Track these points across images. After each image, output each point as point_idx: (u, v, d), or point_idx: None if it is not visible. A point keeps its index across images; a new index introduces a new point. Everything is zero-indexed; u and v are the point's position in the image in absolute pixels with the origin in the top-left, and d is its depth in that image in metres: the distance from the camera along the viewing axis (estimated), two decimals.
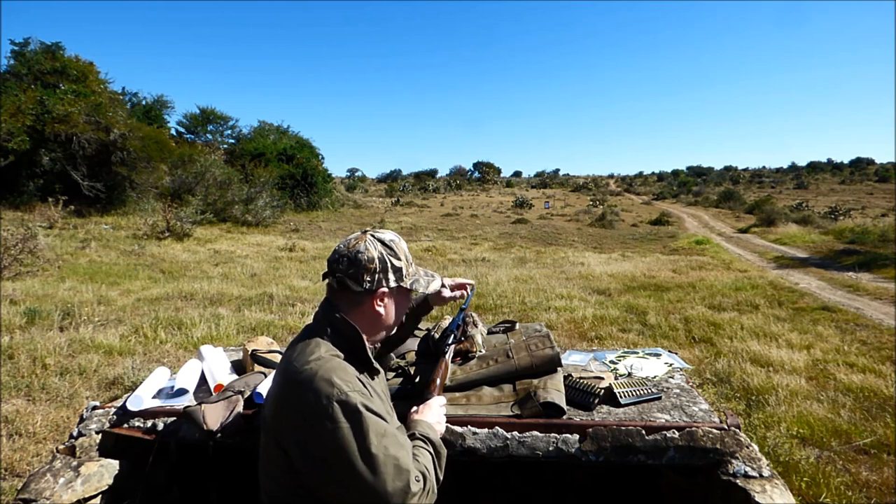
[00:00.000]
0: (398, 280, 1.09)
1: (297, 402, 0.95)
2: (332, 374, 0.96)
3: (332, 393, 0.93)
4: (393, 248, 1.10)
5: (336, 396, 0.92)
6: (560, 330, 5.24)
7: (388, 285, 1.08)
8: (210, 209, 15.25)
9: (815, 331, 5.13)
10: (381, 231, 1.13)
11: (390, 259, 1.08)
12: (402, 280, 1.10)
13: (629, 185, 58.54)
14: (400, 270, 1.10)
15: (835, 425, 3.05)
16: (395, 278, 1.09)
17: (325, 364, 0.98)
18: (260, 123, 27.54)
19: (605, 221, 20.30)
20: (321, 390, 0.93)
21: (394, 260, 1.09)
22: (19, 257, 7.60)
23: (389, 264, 1.08)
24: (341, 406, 0.92)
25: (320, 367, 0.97)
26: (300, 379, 0.97)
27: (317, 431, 0.92)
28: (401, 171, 71.29)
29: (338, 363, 1.00)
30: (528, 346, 1.52)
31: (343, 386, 0.94)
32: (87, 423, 1.43)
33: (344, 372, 0.98)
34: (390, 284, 1.08)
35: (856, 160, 68.14)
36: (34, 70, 15.16)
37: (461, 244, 14.32)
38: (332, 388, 0.93)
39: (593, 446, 1.25)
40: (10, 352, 4.05)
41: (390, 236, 1.13)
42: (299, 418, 0.94)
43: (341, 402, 0.92)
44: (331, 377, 0.95)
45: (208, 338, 4.65)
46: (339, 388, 0.93)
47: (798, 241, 13.89)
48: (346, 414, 0.91)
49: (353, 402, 0.93)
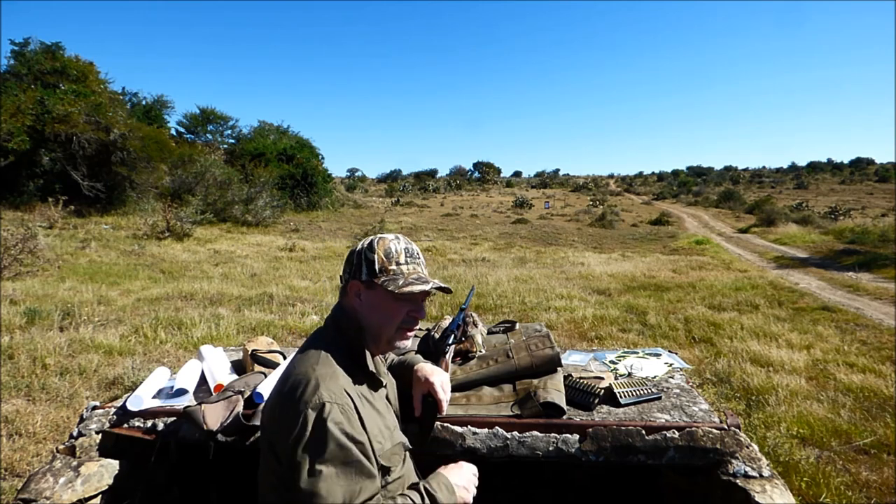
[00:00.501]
0: (370, 275, 1.08)
1: (284, 404, 0.97)
2: (322, 380, 0.97)
3: (311, 399, 0.93)
4: (373, 244, 1.10)
5: (313, 403, 0.93)
6: (560, 330, 5.24)
7: (360, 278, 1.09)
8: (210, 209, 15.25)
9: (815, 331, 5.13)
10: (386, 233, 1.16)
11: (366, 253, 1.10)
12: (374, 275, 1.08)
13: (629, 185, 58.53)
14: (372, 264, 1.08)
15: (835, 425, 3.05)
16: (366, 271, 1.09)
17: (321, 369, 0.99)
18: (260, 123, 27.60)
19: (605, 221, 20.30)
20: (304, 394, 0.94)
21: (369, 253, 1.10)
22: (19, 257, 7.60)
23: (364, 257, 1.10)
24: (315, 413, 0.92)
25: (314, 372, 0.98)
26: (293, 383, 0.98)
27: (286, 430, 0.93)
28: (401, 171, 71.31)
29: (331, 372, 1.00)
30: (528, 346, 1.52)
31: (325, 395, 0.94)
32: (87, 423, 1.43)
33: (333, 381, 0.98)
34: (362, 277, 1.09)
35: (856, 160, 68.12)
36: (34, 70, 15.16)
37: (461, 244, 14.32)
38: (314, 393, 0.94)
39: (593, 446, 1.25)
40: (10, 352, 4.05)
41: (384, 236, 1.13)
42: (283, 415, 0.96)
43: (317, 408, 0.92)
44: (318, 383, 0.96)
45: (208, 338, 4.65)
46: (320, 395, 0.94)
47: (798, 241, 13.89)
48: (315, 423, 0.91)
49: (326, 414, 0.92)
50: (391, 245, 1.11)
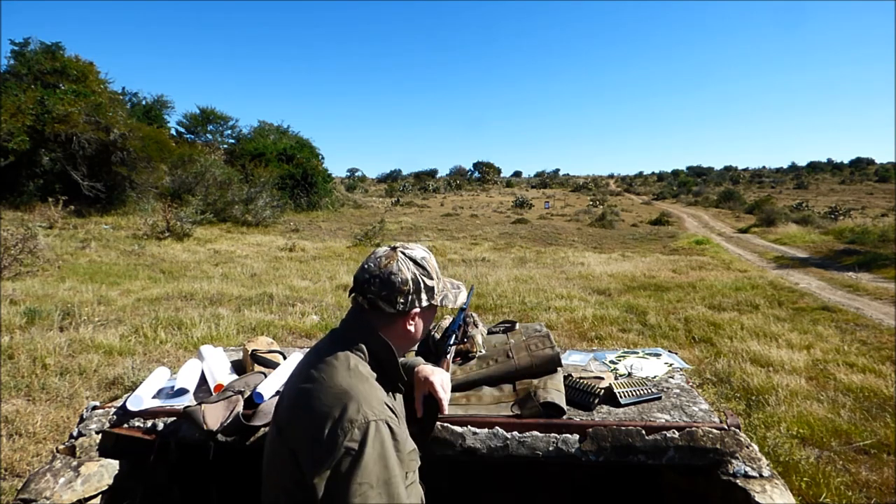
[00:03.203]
0: (430, 299, 1.08)
1: (323, 416, 0.93)
2: (366, 396, 0.94)
3: (358, 417, 0.91)
4: (425, 266, 1.08)
5: (361, 421, 0.90)
6: (560, 330, 5.24)
7: (420, 305, 1.07)
8: (210, 209, 15.24)
9: (815, 331, 5.13)
10: (412, 247, 1.11)
11: (423, 279, 1.07)
12: (433, 298, 1.09)
13: (629, 185, 58.52)
14: (432, 290, 1.09)
15: (835, 425, 3.05)
16: (426, 297, 1.08)
17: (358, 384, 0.96)
18: (260, 123, 27.60)
19: (605, 221, 20.29)
20: (350, 409, 0.91)
21: (426, 280, 1.07)
22: (19, 257, 7.60)
23: (423, 285, 1.07)
24: (365, 431, 0.90)
25: (353, 386, 0.95)
26: (333, 393, 0.95)
27: (331, 447, 0.89)
28: (401, 171, 71.31)
29: (370, 385, 0.99)
30: (528, 346, 1.52)
31: (372, 413, 0.92)
32: (87, 423, 1.43)
33: (374, 396, 0.97)
34: (423, 304, 1.07)
35: (856, 160, 68.13)
36: (34, 70, 15.16)
37: (461, 244, 14.32)
38: (360, 411, 0.91)
39: (593, 446, 1.25)
40: (10, 352, 4.05)
41: (421, 254, 1.10)
42: (320, 431, 0.92)
43: (366, 427, 0.90)
44: (363, 398, 0.93)
45: (208, 338, 4.65)
46: (367, 412, 0.92)
47: (798, 241, 13.89)
48: (366, 440, 0.89)
49: (380, 430, 0.91)
50: (433, 262, 1.12)
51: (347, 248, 12.71)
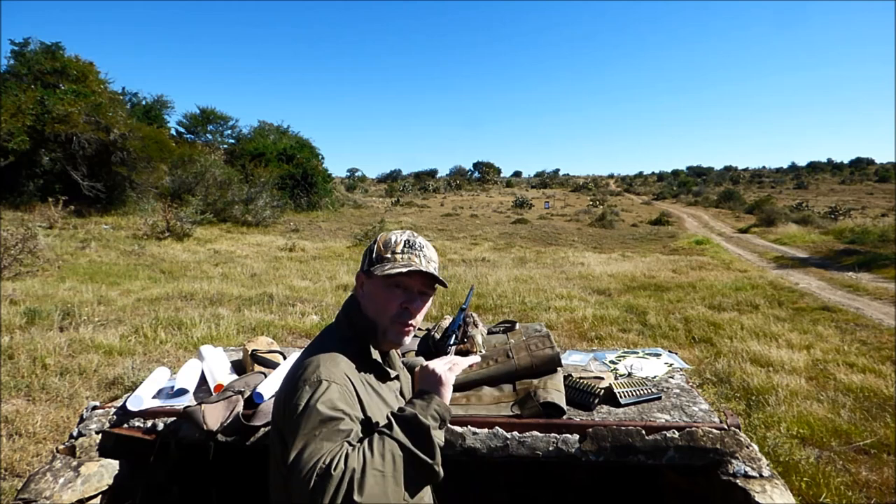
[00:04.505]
0: (369, 264, 1.11)
1: (287, 388, 1.00)
2: (322, 362, 0.99)
3: (310, 377, 0.96)
4: (392, 240, 1.13)
5: (312, 381, 0.95)
6: (560, 330, 5.24)
7: (363, 269, 1.13)
8: (210, 209, 15.24)
9: (815, 331, 5.13)
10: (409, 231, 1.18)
11: (379, 247, 1.13)
12: (371, 264, 1.11)
13: (629, 185, 58.50)
14: (371, 253, 1.13)
15: (835, 425, 3.05)
16: (367, 262, 1.13)
17: (322, 355, 1.02)
18: (260, 123, 27.60)
19: (605, 221, 20.29)
20: (304, 373, 0.97)
21: (371, 244, 1.15)
22: (19, 257, 7.60)
23: (368, 249, 1.15)
24: (311, 389, 0.93)
25: (317, 356, 1.01)
26: (297, 366, 1.03)
27: (289, 411, 0.93)
28: (401, 171, 71.28)
29: (333, 357, 1.03)
30: (528, 346, 1.52)
31: (324, 374, 0.96)
32: (87, 423, 1.42)
33: (334, 364, 1.00)
34: (364, 268, 1.13)
35: (856, 160, 68.11)
36: (34, 70, 15.16)
37: (461, 244, 14.32)
38: (314, 373, 0.96)
39: (593, 446, 1.25)
40: (10, 352, 4.05)
41: (405, 236, 1.15)
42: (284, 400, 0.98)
43: (314, 385, 0.94)
44: (319, 364, 0.99)
45: (208, 338, 4.65)
46: (319, 374, 0.96)
47: (798, 241, 13.89)
48: (309, 398, 0.92)
49: (322, 391, 0.93)
50: (392, 236, 1.14)
51: (347, 248, 12.71)
